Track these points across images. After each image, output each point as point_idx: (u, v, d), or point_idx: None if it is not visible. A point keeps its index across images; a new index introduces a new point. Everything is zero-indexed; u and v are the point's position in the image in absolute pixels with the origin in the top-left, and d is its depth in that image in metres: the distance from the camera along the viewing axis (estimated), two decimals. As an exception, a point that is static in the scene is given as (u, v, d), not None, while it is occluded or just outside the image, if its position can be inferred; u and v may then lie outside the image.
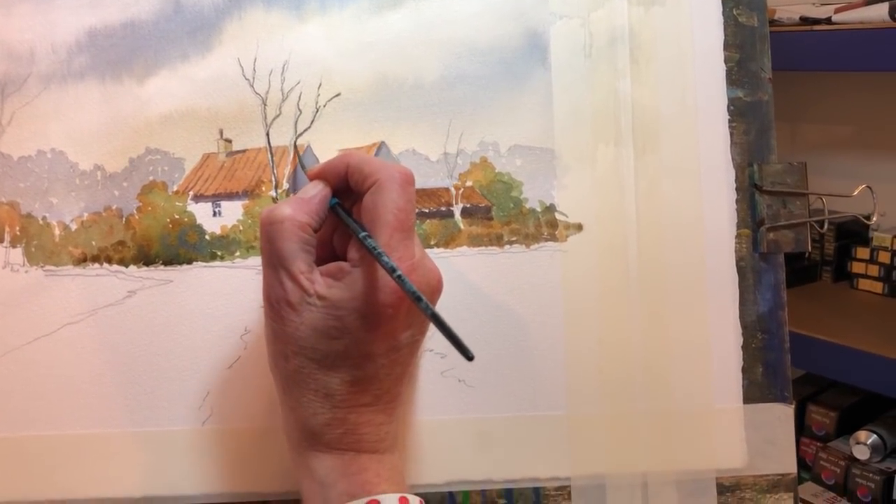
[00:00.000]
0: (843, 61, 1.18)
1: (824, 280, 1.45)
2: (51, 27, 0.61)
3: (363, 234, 0.50)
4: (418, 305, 0.47)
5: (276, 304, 0.50)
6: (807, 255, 1.43)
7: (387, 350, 0.51)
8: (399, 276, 0.48)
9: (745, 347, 0.63)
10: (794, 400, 1.32)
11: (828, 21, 1.20)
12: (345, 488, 0.50)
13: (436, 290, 0.52)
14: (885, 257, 1.37)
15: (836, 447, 1.29)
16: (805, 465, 1.33)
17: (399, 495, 0.49)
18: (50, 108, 0.61)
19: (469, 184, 0.62)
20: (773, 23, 1.22)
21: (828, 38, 1.17)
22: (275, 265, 0.50)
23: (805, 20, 1.23)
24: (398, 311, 0.50)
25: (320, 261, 0.51)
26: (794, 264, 1.44)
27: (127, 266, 0.61)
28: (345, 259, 0.52)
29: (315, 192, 0.53)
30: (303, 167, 0.60)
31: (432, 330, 0.51)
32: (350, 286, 0.50)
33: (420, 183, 0.62)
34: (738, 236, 0.63)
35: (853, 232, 1.40)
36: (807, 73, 1.41)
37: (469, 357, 0.46)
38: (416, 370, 0.59)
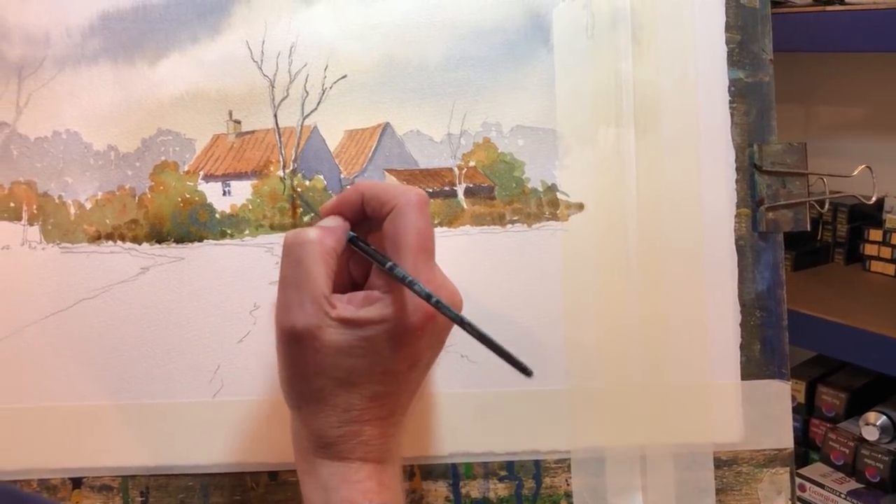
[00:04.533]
0: (856, 42, 1.17)
1: (836, 262, 1.45)
2: (65, 11, 0.63)
3: (389, 264, 0.51)
4: (465, 329, 0.49)
5: (295, 327, 0.49)
6: (819, 236, 1.44)
7: (409, 367, 0.52)
8: (437, 303, 0.49)
9: (743, 325, 0.64)
10: (805, 381, 1.33)
11: (840, 1, 1.19)
12: (346, 495, 0.51)
13: (459, 309, 0.53)
14: (897, 239, 1.36)
15: (846, 428, 1.30)
16: (814, 446, 1.34)
17: None
18: (65, 90, 0.63)
19: (472, 164, 0.64)
20: (785, 3, 1.22)
21: (840, 19, 1.16)
22: (299, 286, 0.50)
23: (818, 0, 1.23)
24: (425, 333, 0.51)
25: (335, 289, 0.52)
26: (807, 246, 1.44)
27: (140, 243, 0.63)
28: (361, 286, 0.53)
29: (335, 223, 0.54)
30: (307, 205, 0.62)
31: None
32: (380, 310, 0.50)
33: (424, 163, 0.63)
34: (737, 216, 0.64)
35: (866, 214, 1.40)
36: (819, 54, 1.40)
37: (529, 374, 0.48)
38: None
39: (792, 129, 1.52)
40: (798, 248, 1.42)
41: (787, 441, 0.64)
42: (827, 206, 0.67)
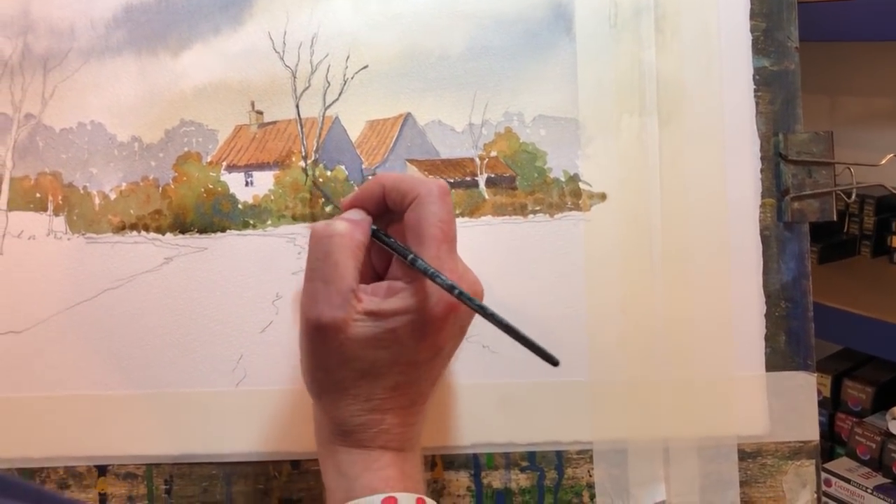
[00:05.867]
0: (885, 31, 1.16)
1: (863, 255, 1.43)
2: (89, 3, 0.63)
3: (411, 256, 0.51)
4: (489, 319, 0.49)
5: (321, 320, 0.49)
6: (846, 229, 1.42)
7: (431, 357, 0.52)
8: (460, 293, 0.49)
9: (768, 316, 0.63)
10: (831, 375, 1.32)
11: (868, -10, 1.18)
12: (367, 482, 0.51)
13: (481, 299, 0.53)
14: (925, 232, 1.34)
15: (872, 423, 1.28)
16: (840, 441, 1.32)
17: (416, 496, 0.50)
18: (89, 81, 0.63)
19: (494, 154, 0.63)
20: (809, -7, 1.20)
21: (867, 7, 1.15)
22: (326, 279, 0.50)
23: (844, -11, 1.21)
24: (447, 323, 0.51)
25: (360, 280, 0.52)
26: (833, 238, 1.42)
27: (163, 234, 0.63)
28: (382, 277, 0.53)
29: (359, 217, 0.54)
30: (326, 198, 0.62)
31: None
32: (403, 301, 0.50)
33: (445, 153, 0.63)
34: (762, 205, 0.64)
35: (893, 206, 1.38)
36: (846, 43, 1.38)
37: (555, 363, 0.48)
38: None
39: (817, 120, 1.50)
40: (824, 241, 1.40)
41: (812, 433, 0.63)
42: (854, 196, 0.66)
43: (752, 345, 0.63)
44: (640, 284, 0.63)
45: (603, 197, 0.63)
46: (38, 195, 0.63)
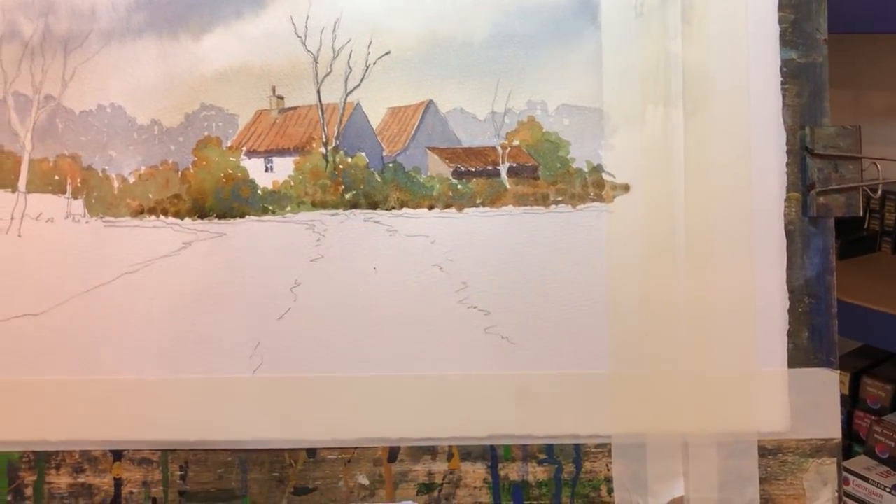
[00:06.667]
0: (911, 25, 1.14)
1: (883, 251, 1.42)
2: (111, -15, 0.63)
3: None
4: None
5: None
6: (866, 225, 1.40)
7: None
8: None
9: (791, 311, 0.62)
10: (849, 372, 1.30)
11: (895, -18, 1.16)
12: None
13: None
14: (947, 229, 1.33)
15: (892, 421, 1.27)
16: (859, 439, 1.31)
17: None
18: (110, 63, 0.63)
19: (516, 143, 0.63)
20: (837, -15, 1.19)
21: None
22: None
23: (871, -18, 1.19)
24: None
25: None
26: (853, 235, 1.40)
27: (182, 218, 0.63)
28: None
29: None
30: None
31: (473, 286, 0.51)
32: None
33: (467, 142, 0.63)
34: (787, 199, 0.63)
35: (915, 202, 1.37)
36: (871, 36, 1.36)
37: None
38: None
39: (842, 114, 1.48)
40: (844, 237, 1.38)
41: (834, 431, 0.62)
42: (880, 191, 0.64)
43: (775, 340, 0.62)
44: (662, 277, 0.62)
45: (626, 188, 0.62)
46: (56, 177, 0.63)
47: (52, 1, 0.62)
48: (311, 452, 0.63)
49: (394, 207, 0.63)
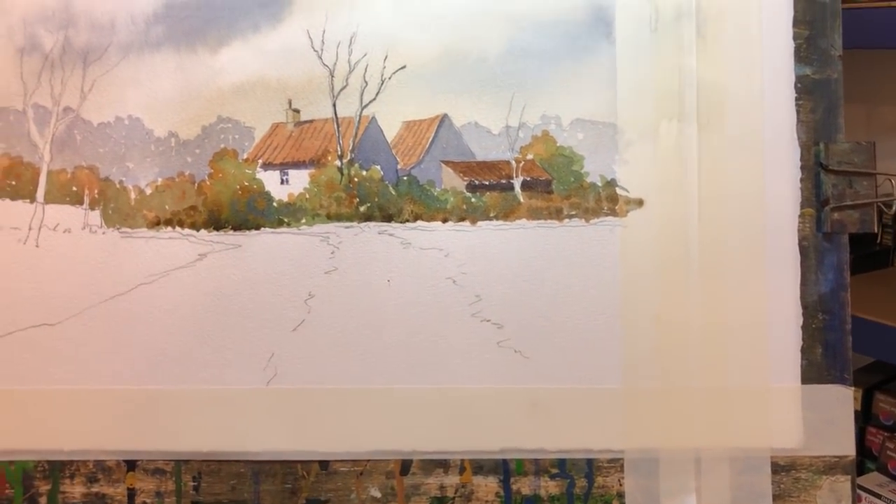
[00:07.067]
0: (925, 40, 1.14)
1: (896, 266, 1.41)
2: (130, -2, 0.63)
3: None
4: None
5: None
6: (878, 240, 1.40)
7: None
8: None
9: (805, 327, 0.62)
10: (862, 388, 1.30)
11: (909, -2, 1.16)
12: None
13: None
14: (960, 244, 1.32)
15: (903, 437, 1.26)
16: (871, 455, 1.30)
17: None
18: (128, 76, 0.63)
19: (530, 157, 0.63)
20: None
21: (908, 16, 1.13)
22: None
23: (884, -3, 1.19)
24: None
25: None
26: (865, 249, 1.40)
27: (198, 230, 0.63)
28: None
29: None
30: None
31: (486, 299, 0.51)
32: None
33: (481, 155, 0.63)
34: (801, 215, 0.63)
35: (928, 218, 1.36)
36: (885, 51, 1.36)
37: None
38: None
39: (853, 130, 1.48)
40: (856, 252, 1.38)
41: (848, 448, 0.62)
42: (895, 207, 0.64)
43: (788, 356, 0.62)
44: (676, 292, 0.62)
45: (640, 203, 0.62)
46: (74, 188, 0.63)
47: (72, 14, 0.63)
48: (324, 464, 0.63)
49: (408, 220, 0.63)
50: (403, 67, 0.63)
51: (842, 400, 0.63)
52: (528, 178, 0.63)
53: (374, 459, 0.63)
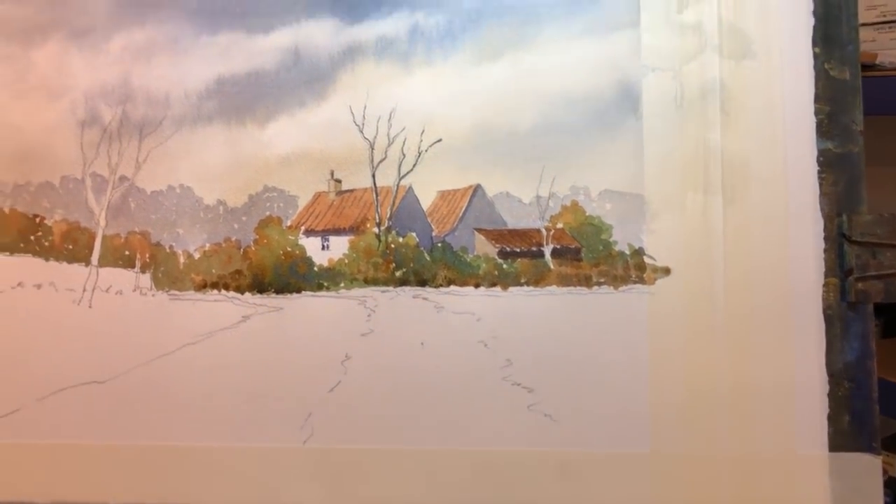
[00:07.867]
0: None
1: (928, 332, 1.40)
2: (184, 75, 0.68)
3: None
4: None
5: None
6: (909, 305, 1.39)
7: None
8: None
9: (831, 395, 0.63)
10: (891, 453, 1.28)
11: (934, 67, 1.17)
12: None
13: None
14: None
15: (938, 506, 1.24)
16: (904, 524, 1.28)
17: None
18: (181, 147, 0.67)
19: (560, 226, 0.65)
20: (874, 67, 1.21)
21: (934, 85, 1.14)
22: None
23: (910, 66, 1.21)
24: None
25: None
26: (893, 313, 1.39)
27: (242, 293, 0.66)
28: None
29: None
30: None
31: (516, 363, 0.53)
32: None
33: (512, 224, 0.65)
34: (825, 285, 0.64)
35: (960, 284, 1.35)
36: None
37: None
38: None
39: (882, 195, 1.49)
40: (886, 315, 1.38)
41: (876, 516, 0.63)
42: (919, 277, 0.66)
43: (815, 424, 0.63)
44: (703, 360, 0.63)
45: (667, 271, 0.64)
46: (126, 253, 0.67)
47: (130, 89, 0.68)
48: (358, 523, 0.65)
49: (441, 285, 0.65)
50: (439, 140, 0.66)
51: (870, 468, 0.63)
52: (558, 246, 0.65)
53: (406, 519, 0.64)
